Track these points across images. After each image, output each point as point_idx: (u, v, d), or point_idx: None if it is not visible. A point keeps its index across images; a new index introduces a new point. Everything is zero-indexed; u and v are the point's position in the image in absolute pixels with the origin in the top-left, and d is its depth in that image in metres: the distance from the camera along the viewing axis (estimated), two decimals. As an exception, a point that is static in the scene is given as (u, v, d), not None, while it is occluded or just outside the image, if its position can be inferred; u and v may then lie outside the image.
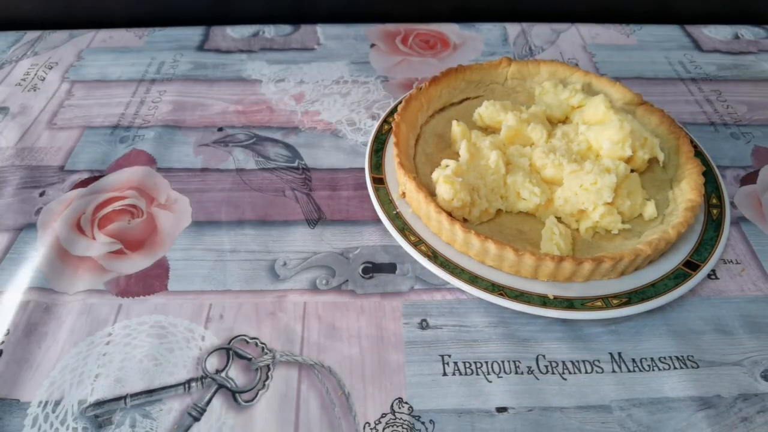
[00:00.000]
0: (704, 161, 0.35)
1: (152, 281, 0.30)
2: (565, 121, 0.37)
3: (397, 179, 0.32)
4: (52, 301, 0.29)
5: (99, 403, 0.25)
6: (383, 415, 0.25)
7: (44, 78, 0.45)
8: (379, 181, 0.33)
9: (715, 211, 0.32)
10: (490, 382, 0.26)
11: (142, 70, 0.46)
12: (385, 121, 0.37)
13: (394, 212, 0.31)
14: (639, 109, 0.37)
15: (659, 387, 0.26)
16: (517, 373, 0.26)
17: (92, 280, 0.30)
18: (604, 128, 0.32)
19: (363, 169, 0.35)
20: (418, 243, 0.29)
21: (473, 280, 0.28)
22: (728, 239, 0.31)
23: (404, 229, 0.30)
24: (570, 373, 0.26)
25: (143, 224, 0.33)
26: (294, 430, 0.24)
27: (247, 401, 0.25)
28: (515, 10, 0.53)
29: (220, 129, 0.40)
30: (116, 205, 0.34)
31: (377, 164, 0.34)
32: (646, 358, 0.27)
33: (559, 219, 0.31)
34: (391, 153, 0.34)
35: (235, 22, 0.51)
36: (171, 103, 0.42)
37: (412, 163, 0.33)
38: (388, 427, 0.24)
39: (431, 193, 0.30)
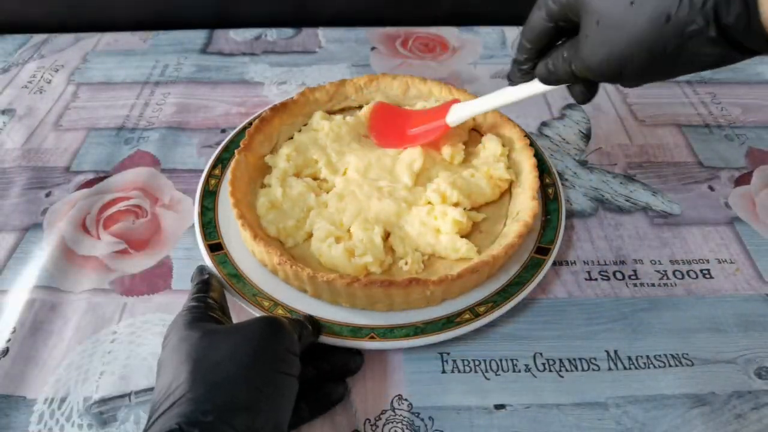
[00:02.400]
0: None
1: (156, 280, 0.31)
2: None
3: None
4: (58, 300, 0.29)
5: (104, 400, 0.25)
6: (383, 412, 0.25)
7: (50, 80, 0.45)
8: (217, 248, 0.29)
9: (550, 191, 0.34)
10: (488, 379, 0.26)
11: (147, 72, 0.46)
12: (210, 175, 0.33)
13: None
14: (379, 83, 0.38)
15: (655, 384, 0.26)
16: (514, 371, 0.27)
17: (97, 279, 0.31)
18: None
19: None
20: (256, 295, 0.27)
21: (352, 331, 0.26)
22: (568, 226, 0.32)
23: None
24: (567, 370, 0.27)
25: (147, 224, 0.34)
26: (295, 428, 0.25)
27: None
28: (514, 14, 0.53)
29: (223, 131, 0.41)
30: (121, 206, 0.35)
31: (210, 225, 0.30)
32: (641, 356, 0.27)
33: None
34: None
35: (238, 25, 0.52)
36: (175, 105, 0.43)
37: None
38: (388, 423, 0.25)
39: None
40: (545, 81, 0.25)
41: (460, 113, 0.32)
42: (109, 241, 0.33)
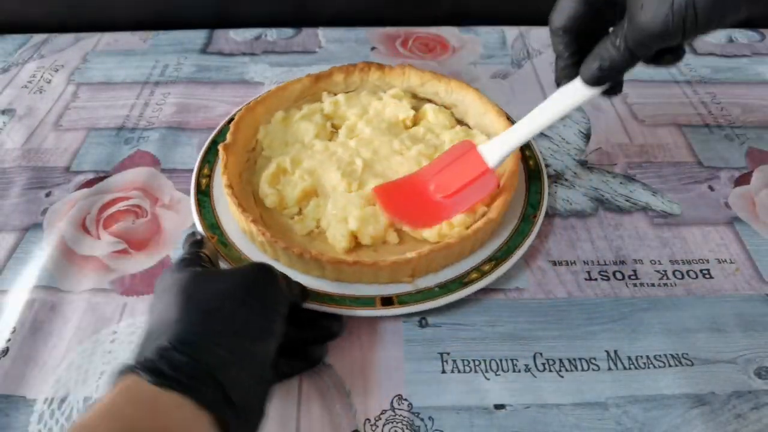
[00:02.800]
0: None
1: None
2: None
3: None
4: (58, 300, 0.29)
5: (104, 400, 0.26)
6: (383, 412, 0.25)
7: (50, 80, 0.45)
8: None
9: (531, 162, 0.34)
10: (488, 379, 0.26)
11: (147, 72, 0.46)
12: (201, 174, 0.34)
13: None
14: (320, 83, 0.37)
15: (654, 384, 0.26)
16: (514, 370, 0.27)
17: (97, 279, 0.31)
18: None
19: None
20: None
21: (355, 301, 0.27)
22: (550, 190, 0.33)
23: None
24: (567, 370, 0.27)
25: (147, 224, 0.34)
26: (295, 427, 0.25)
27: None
28: (514, 14, 0.53)
29: (223, 131, 0.41)
30: (121, 206, 0.35)
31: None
32: (641, 356, 0.27)
33: None
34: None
35: (238, 25, 0.52)
36: (175, 105, 0.43)
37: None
38: (388, 423, 0.25)
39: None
40: (594, 77, 0.23)
41: (500, 151, 0.28)
42: (109, 241, 0.33)
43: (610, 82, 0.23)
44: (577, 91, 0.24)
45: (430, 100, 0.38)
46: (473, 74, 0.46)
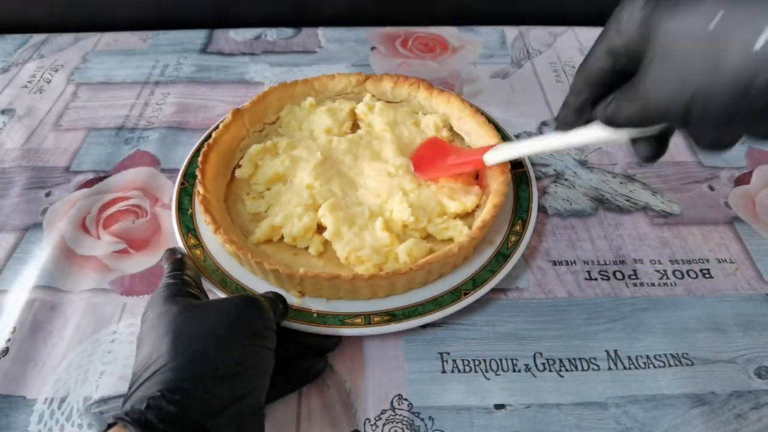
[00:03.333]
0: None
1: (156, 280, 0.31)
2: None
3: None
4: (58, 300, 0.29)
5: (104, 400, 0.25)
6: (383, 412, 0.25)
7: (50, 80, 0.45)
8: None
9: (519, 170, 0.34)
10: (488, 379, 0.26)
11: (147, 72, 0.46)
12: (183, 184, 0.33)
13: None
14: (369, 83, 0.38)
15: (654, 384, 0.26)
16: (514, 370, 0.27)
17: (97, 279, 0.31)
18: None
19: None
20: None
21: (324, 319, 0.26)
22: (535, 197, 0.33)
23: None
24: (567, 370, 0.27)
25: (147, 224, 0.34)
26: (296, 426, 0.25)
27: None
28: (513, 14, 0.53)
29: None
30: (121, 206, 0.35)
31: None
32: (641, 356, 0.27)
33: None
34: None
35: (238, 25, 0.52)
36: (175, 104, 0.43)
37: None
38: (388, 423, 0.25)
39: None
40: (606, 122, 0.20)
41: (501, 155, 0.30)
42: (109, 240, 0.33)
43: (643, 143, 0.21)
44: (592, 129, 0.23)
45: (463, 138, 0.37)
46: (473, 74, 0.46)
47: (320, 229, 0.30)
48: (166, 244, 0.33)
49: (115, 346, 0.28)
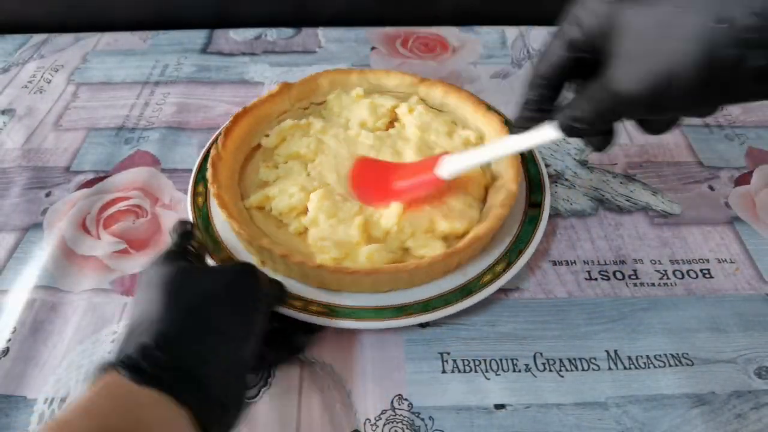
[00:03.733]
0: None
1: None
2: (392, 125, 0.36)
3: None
4: (58, 300, 0.29)
5: (104, 400, 0.26)
6: (383, 412, 0.25)
7: (50, 80, 0.45)
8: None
9: (533, 171, 0.34)
10: (489, 379, 0.26)
11: (147, 72, 0.46)
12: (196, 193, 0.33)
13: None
14: (421, 87, 0.37)
15: (655, 384, 0.26)
16: (515, 370, 0.27)
17: (98, 279, 0.31)
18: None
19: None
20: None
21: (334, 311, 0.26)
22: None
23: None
24: (567, 370, 0.27)
25: (147, 224, 0.34)
26: (296, 427, 0.25)
27: (250, 398, 0.26)
28: (514, 14, 0.53)
29: (223, 131, 0.41)
30: (121, 206, 0.35)
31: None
32: (641, 356, 0.27)
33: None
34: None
35: (238, 25, 0.52)
36: (175, 104, 0.43)
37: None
38: (389, 423, 0.25)
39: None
40: (565, 128, 0.20)
41: (456, 165, 0.28)
42: (110, 240, 0.33)
43: (581, 132, 0.21)
44: (544, 134, 0.22)
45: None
46: (473, 74, 0.46)
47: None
48: (166, 244, 0.33)
49: (115, 346, 0.27)
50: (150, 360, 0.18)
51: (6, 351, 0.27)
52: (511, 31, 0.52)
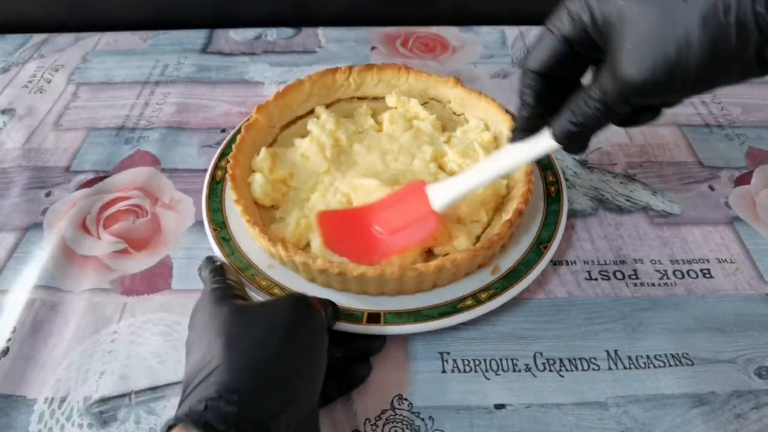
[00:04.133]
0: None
1: (156, 280, 0.31)
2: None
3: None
4: (58, 300, 0.29)
5: (104, 400, 0.25)
6: (383, 412, 0.25)
7: (50, 80, 0.45)
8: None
9: (552, 189, 0.33)
10: (489, 379, 0.26)
11: (147, 72, 0.46)
12: (217, 166, 0.34)
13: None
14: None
15: (655, 384, 0.26)
16: (515, 370, 0.27)
17: (98, 279, 0.31)
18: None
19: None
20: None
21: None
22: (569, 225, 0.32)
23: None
24: (567, 370, 0.27)
25: (148, 224, 0.34)
26: (296, 426, 0.25)
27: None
28: (514, 14, 0.53)
29: (223, 130, 0.41)
30: (121, 205, 0.35)
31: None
32: (641, 356, 0.27)
33: None
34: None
35: (238, 25, 0.52)
36: (175, 104, 0.43)
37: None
38: (389, 423, 0.25)
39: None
40: (566, 133, 0.20)
41: (448, 195, 0.25)
42: (110, 240, 0.33)
43: (582, 139, 0.20)
44: (540, 144, 0.22)
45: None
46: (473, 74, 0.46)
47: None
48: (166, 244, 0.33)
49: (115, 346, 0.28)
50: (217, 414, 0.17)
51: (6, 351, 0.27)
52: (511, 31, 0.52)
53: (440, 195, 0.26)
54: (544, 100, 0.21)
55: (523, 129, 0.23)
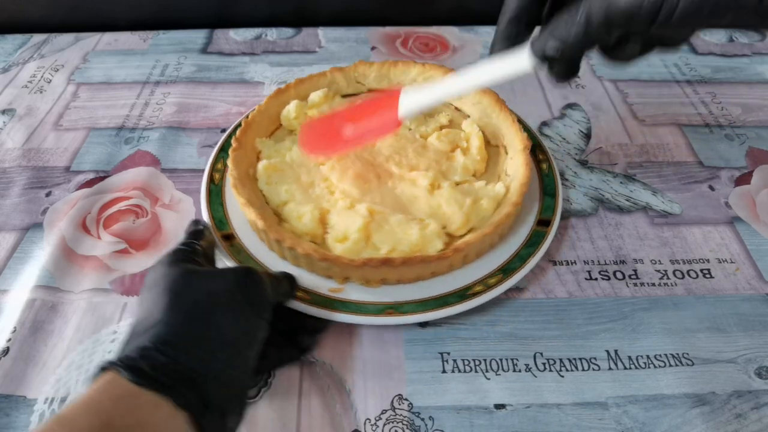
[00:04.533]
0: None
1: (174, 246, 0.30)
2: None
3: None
4: (58, 300, 0.29)
5: (104, 399, 0.26)
6: (383, 412, 0.25)
7: (50, 80, 0.45)
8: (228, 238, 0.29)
9: (544, 166, 0.34)
10: (489, 379, 0.26)
11: (147, 72, 0.46)
12: (214, 169, 0.33)
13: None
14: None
15: (655, 384, 0.26)
16: (515, 370, 0.27)
17: (98, 279, 0.31)
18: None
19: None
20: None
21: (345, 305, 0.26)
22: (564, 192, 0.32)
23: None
24: (567, 370, 0.27)
25: (148, 224, 0.34)
26: (296, 427, 0.25)
27: (250, 399, 0.26)
28: (514, 14, 0.53)
29: (223, 130, 0.40)
30: (121, 205, 0.35)
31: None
32: (642, 356, 0.27)
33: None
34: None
35: (238, 25, 0.52)
36: (175, 104, 0.43)
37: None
38: (389, 423, 0.25)
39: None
40: (543, 52, 0.19)
41: (413, 104, 0.25)
42: (110, 240, 0.33)
43: (563, 62, 0.19)
44: (518, 60, 0.20)
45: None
46: (473, 74, 0.46)
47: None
48: (166, 244, 0.33)
49: (115, 346, 0.28)
50: (150, 362, 0.18)
51: (6, 351, 0.27)
52: None
53: (409, 102, 0.25)
54: (528, 13, 0.20)
55: (503, 39, 0.21)
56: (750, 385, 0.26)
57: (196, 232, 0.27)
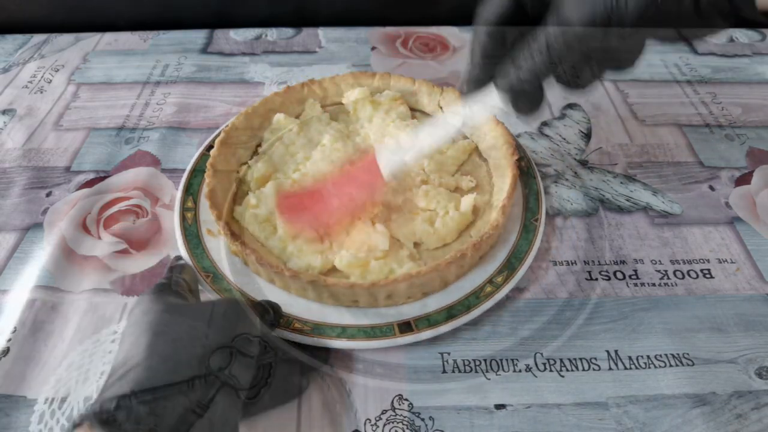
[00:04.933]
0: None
1: (157, 280, 0.31)
2: None
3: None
4: (59, 300, 0.29)
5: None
6: (384, 412, 0.25)
7: (50, 80, 0.45)
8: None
9: (523, 163, 0.34)
10: (489, 379, 0.26)
11: (147, 72, 0.46)
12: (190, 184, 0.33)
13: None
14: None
15: (655, 384, 0.26)
16: (515, 370, 0.27)
17: (98, 279, 0.31)
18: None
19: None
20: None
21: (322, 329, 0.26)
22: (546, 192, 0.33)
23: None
24: (567, 370, 0.27)
25: (148, 224, 0.34)
26: (296, 427, 0.25)
27: (249, 399, 0.25)
28: (514, 14, 0.53)
29: (223, 131, 0.41)
30: (121, 206, 0.35)
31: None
32: (642, 356, 0.27)
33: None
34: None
35: (238, 25, 0.52)
36: (175, 104, 0.43)
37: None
38: (389, 423, 0.25)
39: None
40: (508, 83, 0.21)
41: (395, 163, 0.26)
42: (110, 240, 0.33)
43: (526, 93, 0.21)
44: (486, 101, 0.22)
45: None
46: (473, 74, 0.47)
47: None
48: (167, 244, 0.33)
49: (115, 346, 0.28)
50: (128, 414, 0.17)
51: (6, 351, 0.27)
52: (511, 31, 0.52)
53: (389, 164, 0.27)
54: (492, 55, 0.22)
55: (472, 82, 0.23)
56: (750, 385, 0.26)
57: (178, 266, 0.27)
